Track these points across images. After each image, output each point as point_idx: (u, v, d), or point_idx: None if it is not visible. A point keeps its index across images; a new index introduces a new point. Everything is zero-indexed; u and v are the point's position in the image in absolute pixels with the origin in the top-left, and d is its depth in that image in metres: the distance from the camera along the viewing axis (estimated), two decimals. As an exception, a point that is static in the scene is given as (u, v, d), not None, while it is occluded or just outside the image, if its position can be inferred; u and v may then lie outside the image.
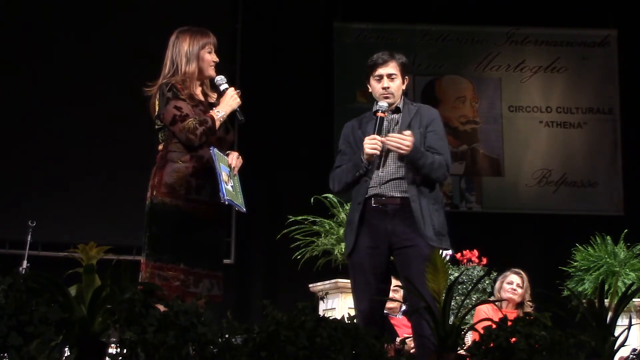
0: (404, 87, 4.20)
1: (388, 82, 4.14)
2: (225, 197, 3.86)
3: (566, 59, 9.21)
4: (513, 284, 6.15)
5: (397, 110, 4.18)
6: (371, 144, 4.03)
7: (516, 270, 6.24)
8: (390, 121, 4.17)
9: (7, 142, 8.02)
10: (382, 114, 4.10)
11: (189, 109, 3.91)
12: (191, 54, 3.99)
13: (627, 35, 9.10)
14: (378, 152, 4.04)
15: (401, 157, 4.05)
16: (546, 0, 9.11)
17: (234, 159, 4.05)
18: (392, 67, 4.15)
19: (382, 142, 4.03)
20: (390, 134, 4.05)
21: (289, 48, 8.73)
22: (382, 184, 4.06)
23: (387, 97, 4.13)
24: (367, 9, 9.01)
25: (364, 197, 4.07)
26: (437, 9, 9.00)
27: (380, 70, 4.15)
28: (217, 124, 3.95)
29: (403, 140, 4.00)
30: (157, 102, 3.96)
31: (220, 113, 3.97)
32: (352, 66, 9.07)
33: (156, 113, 3.97)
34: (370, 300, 3.99)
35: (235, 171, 4.05)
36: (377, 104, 4.16)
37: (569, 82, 9.21)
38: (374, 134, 4.05)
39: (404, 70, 4.20)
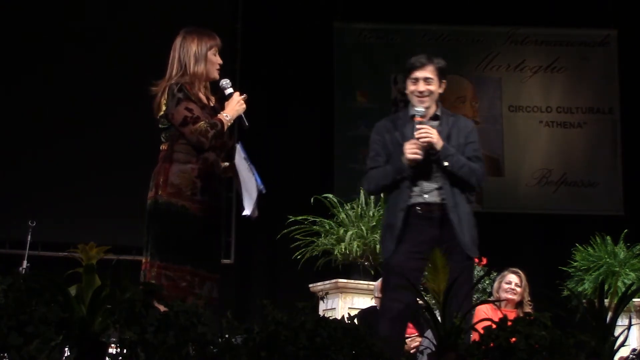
0: (440, 90, 4.23)
1: (424, 85, 4.17)
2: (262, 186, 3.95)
3: (566, 59, 9.20)
4: (511, 284, 6.14)
5: (435, 117, 4.21)
6: (413, 149, 4.07)
7: (514, 269, 6.23)
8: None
9: (7, 142, 8.02)
10: (419, 118, 4.12)
11: (199, 111, 3.90)
12: (200, 55, 3.97)
13: (627, 35, 9.09)
14: (419, 157, 4.07)
15: (442, 166, 4.09)
16: (546, 0, 9.11)
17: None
18: (429, 71, 4.18)
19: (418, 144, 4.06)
20: (418, 129, 4.08)
21: (289, 48, 8.73)
22: (426, 192, 4.11)
23: (422, 101, 4.17)
24: (367, 9, 9.01)
25: (406, 204, 4.11)
26: (437, 9, 9.00)
27: (417, 74, 4.18)
28: (225, 127, 3.95)
29: (428, 130, 4.06)
30: (163, 102, 3.93)
31: (228, 117, 3.97)
32: (353, 66, 9.08)
33: (162, 113, 3.94)
34: (405, 302, 4.01)
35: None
36: (412, 108, 4.18)
37: (569, 82, 9.21)
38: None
39: (441, 74, 4.22)
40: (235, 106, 4.00)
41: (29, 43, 8.20)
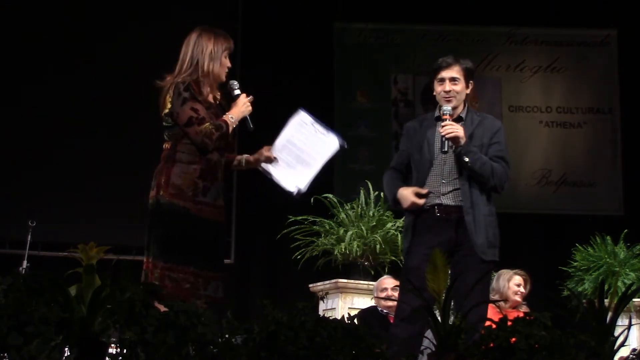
0: (468, 91, 4.25)
1: (450, 85, 4.20)
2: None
3: (566, 59, 9.19)
4: (520, 286, 6.13)
5: (459, 119, 4.21)
6: (414, 202, 4.15)
7: (520, 272, 6.21)
8: None
9: (7, 141, 8.02)
10: (448, 116, 4.15)
11: (204, 112, 3.90)
12: (215, 55, 3.97)
13: (627, 35, 9.09)
14: (418, 206, 4.15)
15: (459, 168, 4.09)
16: (546, 0, 9.10)
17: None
18: (455, 71, 4.21)
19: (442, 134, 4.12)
20: (444, 124, 4.12)
21: (289, 48, 8.73)
22: (444, 194, 4.14)
23: (448, 101, 4.20)
24: (367, 9, 9.00)
25: (424, 206, 4.16)
26: (437, 9, 9.00)
27: (443, 74, 4.22)
28: (230, 129, 3.95)
29: (454, 125, 4.09)
30: (168, 99, 3.92)
31: (233, 119, 3.97)
32: (353, 66, 9.07)
33: (167, 110, 3.93)
34: (420, 302, 4.02)
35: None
36: (440, 108, 4.22)
37: (569, 82, 9.20)
38: (442, 150, 4.12)
39: (468, 75, 4.25)
40: (241, 108, 4.02)
41: (29, 44, 8.20)
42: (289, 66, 8.67)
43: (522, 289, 6.11)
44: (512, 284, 6.12)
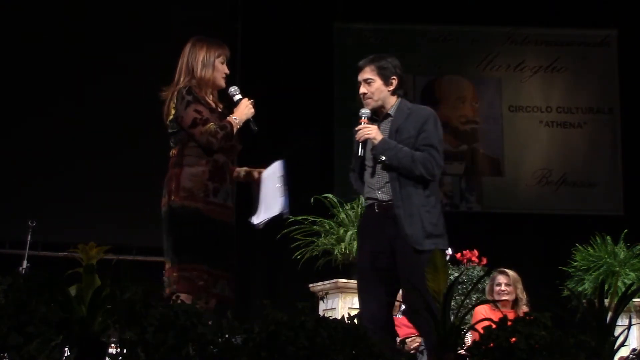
0: (389, 88, 4.19)
1: (363, 87, 4.25)
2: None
3: (566, 59, 9.20)
4: (501, 285, 6.13)
5: (387, 116, 4.21)
6: None
7: (501, 269, 6.22)
8: (384, 130, 4.19)
9: (7, 141, 8.02)
10: (364, 120, 4.20)
11: (208, 113, 3.98)
12: (207, 62, 4.06)
13: (627, 35, 9.10)
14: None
15: (380, 161, 4.11)
16: (546, 0, 9.11)
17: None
18: (367, 72, 4.24)
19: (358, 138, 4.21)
20: (355, 130, 4.21)
21: (289, 48, 8.73)
22: (379, 188, 4.13)
23: (366, 103, 4.23)
24: (367, 9, 9.01)
25: (367, 204, 4.22)
26: (437, 9, 9.00)
27: (359, 77, 4.27)
28: (234, 130, 3.99)
29: (365, 128, 4.16)
30: (172, 106, 4.00)
31: (237, 120, 4.03)
32: (352, 66, 9.02)
33: (171, 117, 4.01)
34: (376, 303, 4.01)
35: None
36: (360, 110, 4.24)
37: (569, 82, 9.21)
38: (358, 153, 4.22)
39: (384, 72, 4.20)
40: (244, 110, 4.09)
41: (29, 45, 8.21)
42: (289, 66, 8.67)
43: (503, 287, 6.10)
44: (494, 285, 6.15)
